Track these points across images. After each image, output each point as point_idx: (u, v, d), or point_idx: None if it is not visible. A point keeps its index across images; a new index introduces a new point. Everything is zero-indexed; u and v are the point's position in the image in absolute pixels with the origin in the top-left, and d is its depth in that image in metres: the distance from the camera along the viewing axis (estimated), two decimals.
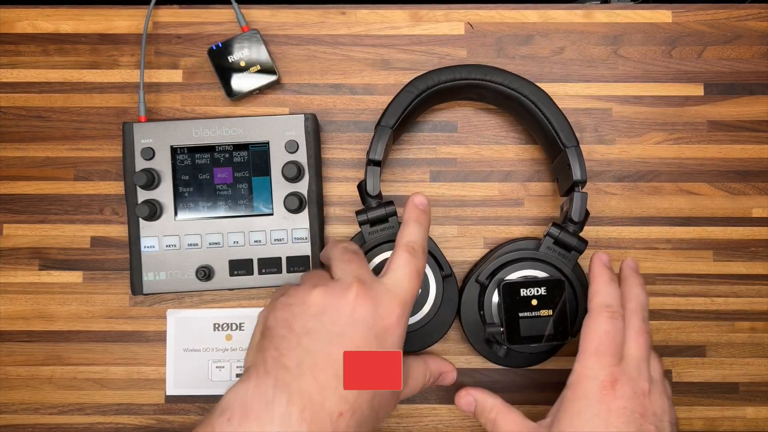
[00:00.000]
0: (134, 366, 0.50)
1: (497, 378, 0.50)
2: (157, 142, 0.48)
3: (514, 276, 0.45)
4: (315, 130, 0.49)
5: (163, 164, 0.48)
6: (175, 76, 0.52)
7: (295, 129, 0.49)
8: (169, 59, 0.52)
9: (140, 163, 0.48)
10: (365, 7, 0.53)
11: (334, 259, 0.38)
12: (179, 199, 0.49)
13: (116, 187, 0.51)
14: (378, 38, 0.52)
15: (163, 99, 0.52)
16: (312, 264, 0.49)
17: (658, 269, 0.51)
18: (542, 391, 0.50)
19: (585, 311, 0.40)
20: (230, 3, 0.51)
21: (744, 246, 0.51)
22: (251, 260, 0.48)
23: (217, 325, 0.50)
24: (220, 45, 0.51)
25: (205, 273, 0.48)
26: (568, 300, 0.44)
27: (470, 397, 0.42)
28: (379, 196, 0.45)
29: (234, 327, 0.50)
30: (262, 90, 0.51)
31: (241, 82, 0.50)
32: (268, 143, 0.49)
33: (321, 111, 0.52)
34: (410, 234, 0.39)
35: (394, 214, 0.45)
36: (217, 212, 0.49)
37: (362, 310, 0.34)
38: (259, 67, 0.51)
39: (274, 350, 0.34)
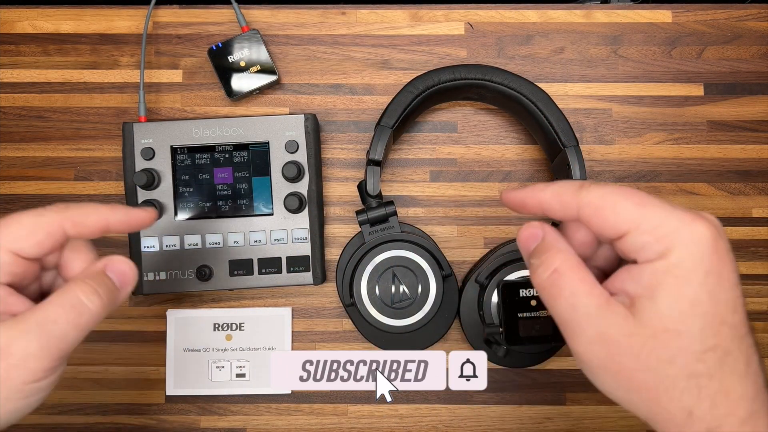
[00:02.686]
0: (134, 366, 0.50)
1: (497, 378, 0.50)
2: (157, 142, 0.48)
3: (513, 276, 0.45)
4: (315, 130, 0.49)
5: (163, 164, 0.48)
6: (175, 76, 0.52)
7: (295, 129, 0.49)
8: (169, 59, 0.52)
9: (140, 163, 0.48)
10: (365, 7, 0.53)
11: None
12: (179, 199, 0.49)
13: (116, 187, 0.51)
14: (378, 38, 0.52)
15: (163, 99, 0.52)
16: (312, 264, 0.49)
17: None
18: (542, 391, 0.50)
19: None
20: (230, 3, 0.51)
21: (744, 246, 0.51)
22: (251, 260, 0.48)
23: (217, 325, 0.50)
24: (220, 45, 0.51)
25: (205, 273, 0.48)
26: None
27: (539, 231, 0.30)
28: (379, 196, 0.45)
29: (234, 327, 0.50)
30: (262, 90, 0.51)
31: (241, 82, 0.50)
32: (268, 143, 0.49)
33: (321, 111, 0.52)
34: None
35: (394, 214, 0.45)
36: (217, 212, 0.49)
37: None
38: (259, 67, 0.51)
39: None
